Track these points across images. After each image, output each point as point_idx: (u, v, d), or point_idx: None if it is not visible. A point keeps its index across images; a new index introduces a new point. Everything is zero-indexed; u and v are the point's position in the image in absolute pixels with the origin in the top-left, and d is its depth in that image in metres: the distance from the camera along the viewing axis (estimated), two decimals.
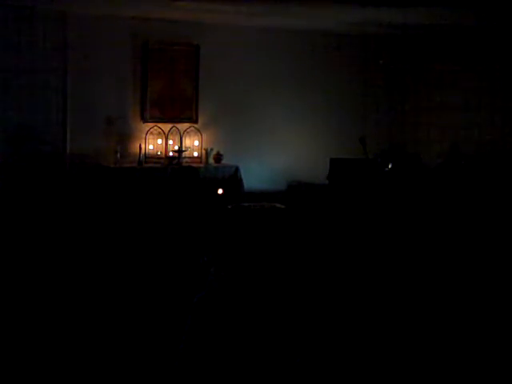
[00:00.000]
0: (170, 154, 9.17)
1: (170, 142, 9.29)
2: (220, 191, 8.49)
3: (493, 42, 9.31)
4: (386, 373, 3.34)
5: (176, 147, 9.23)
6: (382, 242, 5.94)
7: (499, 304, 4.22)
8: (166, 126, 9.26)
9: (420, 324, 3.80)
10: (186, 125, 9.42)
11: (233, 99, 9.58)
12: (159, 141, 9.26)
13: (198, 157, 9.44)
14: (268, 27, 9.55)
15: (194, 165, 9.09)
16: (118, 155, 8.83)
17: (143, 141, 9.09)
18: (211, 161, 9.39)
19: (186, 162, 9.16)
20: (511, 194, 7.63)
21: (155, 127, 9.22)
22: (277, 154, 9.90)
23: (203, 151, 9.45)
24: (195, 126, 9.47)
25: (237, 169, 9.30)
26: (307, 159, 9.85)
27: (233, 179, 9.25)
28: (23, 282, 5.92)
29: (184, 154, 9.19)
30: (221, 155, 9.38)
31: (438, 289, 4.50)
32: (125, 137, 9.09)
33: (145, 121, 9.21)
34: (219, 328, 3.14)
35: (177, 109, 9.41)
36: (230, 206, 8.10)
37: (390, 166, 9.24)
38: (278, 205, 8.68)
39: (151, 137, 9.21)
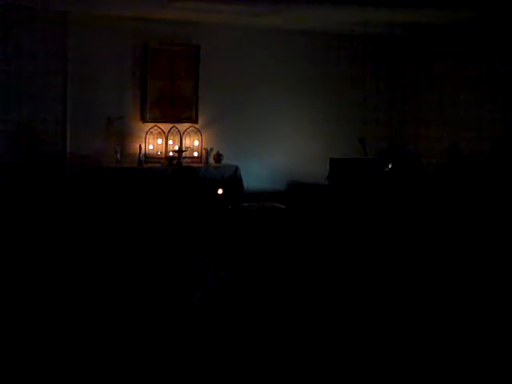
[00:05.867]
0: (170, 154, 9.17)
1: (170, 142, 9.29)
2: (220, 191, 8.49)
3: (493, 42, 9.31)
4: (386, 373, 3.34)
5: (176, 147, 9.23)
6: (382, 242, 5.94)
7: (499, 304, 4.22)
8: (166, 126, 9.27)
9: (420, 324, 3.80)
10: (186, 125, 9.42)
11: (233, 99, 9.58)
12: (159, 141, 9.27)
13: (197, 157, 9.44)
14: (268, 27, 9.55)
15: (194, 165, 9.08)
16: (118, 155, 8.83)
17: (143, 141, 9.10)
18: (211, 161, 9.40)
19: (186, 162, 9.17)
20: (511, 194, 7.62)
21: (155, 127, 9.22)
22: (277, 154, 9.90)
23: (203, 151, 9.45)
24: (195, 125, 9.47)
25: (237, 169, 9.30)
26: (307, 159, 9.84)
27: (233, 179, 9.25)
28: (23, 281, 5.92)
29: (184, 154, 9.19)
30: (221, 155, 9.38)
31: (438, 289, 4.50)
32: (125, 137, 9.10)
33: (145, 121, 9.21)
34: (219, 329, 3.14)
35: (177, 109, 9.41)
36: (230, 206, 8.09)
37: (390, 166, 9.24)
38: (278, 205, 8.67)
39: (151, 137, 9.21)
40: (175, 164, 8.98)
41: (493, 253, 5.36)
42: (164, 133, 9.24)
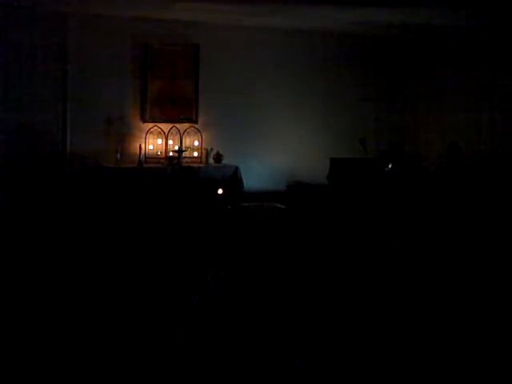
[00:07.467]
0: (170, 154, 9.17)
1: (170, 141, 9.29)
2: (220, 191, 8.49)
3: (493, 43, 9.31)
4: (386, 373, 3.34)
5: (176, 147, 9.23)
6: (382, 242, 5.94)
7: (499, 304, 4.22)
8: (166, 126, 9.26)
9: (420, 324, 3.80)
10: (186, 125, 9.42)
11: (233, 99, 9.58)
12: (159, 141, 9.26)
13: (197, 157, 9.44)
14: (268, 27, 9.55)
15: (194, 165, 9.09)
16: (118, 155, 8.83)
17: (143, 141, 9.09)
18: (211, 161, 9.39)
19: (186, 162, 9.16)
20: (511, 194, 7.63)
21: (155, 127, 9.22)
22: (277, 153, 9.90)
23: (203, 151, 9.45)
24: (195, 125, 9.47)
25: (237, 169, 9.30)
26: (307, 159, 9.84)
27: (233, 179, 9.24)
28: (23, 282, 5.92)
29: (184, 154, 9.19)
30: (221, 155, 9.37)
31: (438, 288, 4.50)
32: (125, 137, 9.10)
33: (145, 121, 9.21)
34: (219, 328, 3.14)
35: (177, 109, 9.40)
36: (229, 206, 8.10)
37: (390, 166, 9.24)
38: (278, 205, 8.68)
39: (151, 137, 9.21)
40: (175, 164, 8.98)
41: (492, 252, 5.37)
42: (164, 133, 9.24)
